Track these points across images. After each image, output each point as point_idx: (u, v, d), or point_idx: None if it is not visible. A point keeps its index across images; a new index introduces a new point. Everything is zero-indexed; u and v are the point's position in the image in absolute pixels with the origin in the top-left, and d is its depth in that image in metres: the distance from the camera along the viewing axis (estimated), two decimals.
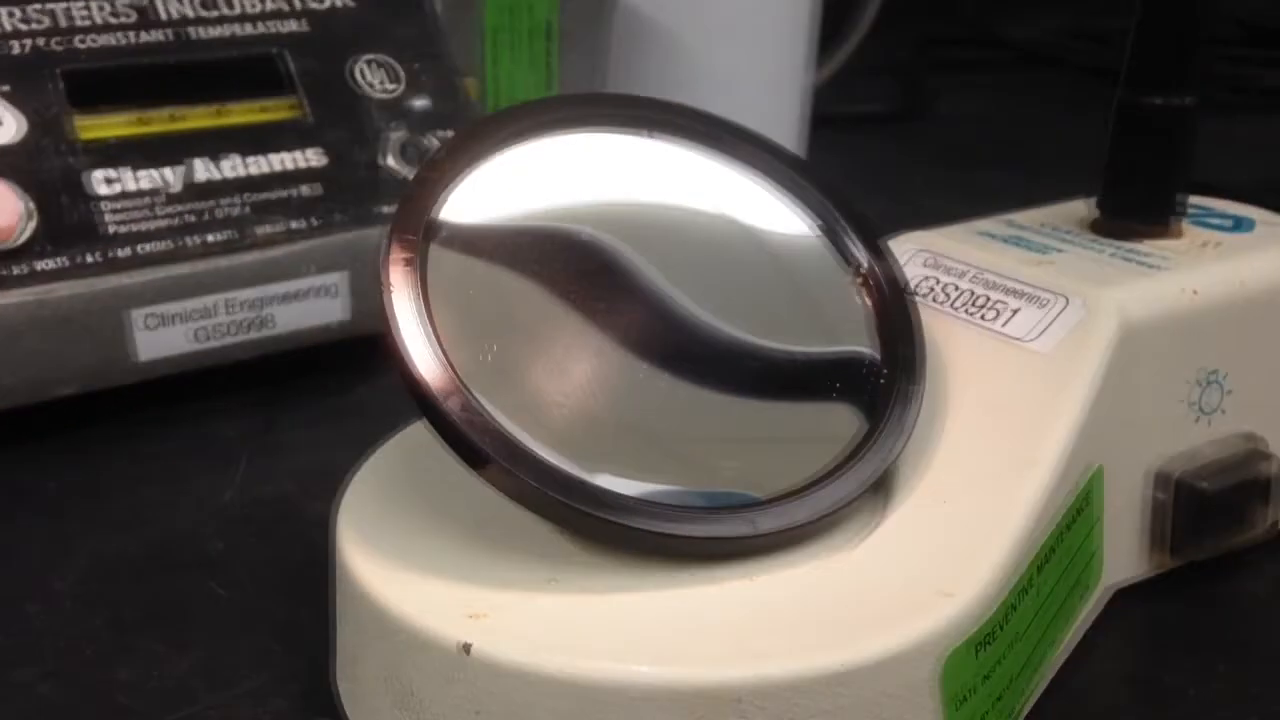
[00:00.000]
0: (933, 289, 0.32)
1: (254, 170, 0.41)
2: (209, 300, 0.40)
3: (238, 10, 0.43)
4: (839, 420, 0.28)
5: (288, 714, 0.28)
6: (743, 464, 0.27)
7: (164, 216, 0.39)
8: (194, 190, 0.40)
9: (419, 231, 0.27)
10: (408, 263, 0.26)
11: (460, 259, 0.27)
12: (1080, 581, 0.29)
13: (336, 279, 0.42)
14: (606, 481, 0.25)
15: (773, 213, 0.30)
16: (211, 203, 0.40)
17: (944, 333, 0.31)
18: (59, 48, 0.40)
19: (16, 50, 0.40)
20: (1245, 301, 0.31)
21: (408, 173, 0.43)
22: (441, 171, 0.28)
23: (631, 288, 0.28)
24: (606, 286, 0.28)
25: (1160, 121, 0.33)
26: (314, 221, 0.41)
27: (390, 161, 0.43)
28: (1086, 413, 0.28)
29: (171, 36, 0.42)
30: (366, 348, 0.43)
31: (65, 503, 0.37)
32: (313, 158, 0.42)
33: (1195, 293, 0.31)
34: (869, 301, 0.30)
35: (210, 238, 0.40)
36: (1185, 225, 0.34)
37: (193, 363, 0.41)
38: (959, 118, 0.83)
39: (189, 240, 0.39)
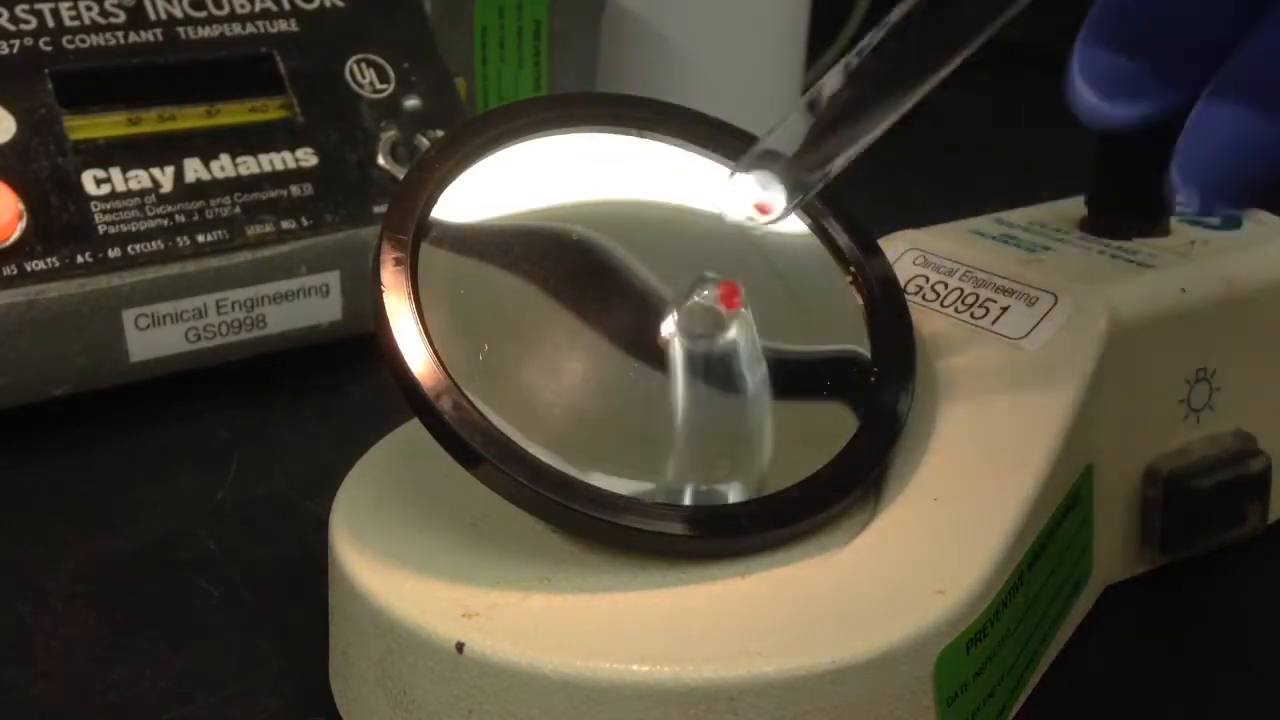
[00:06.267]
0: (922, 287, 0.32)
1: (245, 170, 0.41)
2: (201, 300, 0.40)
3: (228, 10, 0.43)
4: (831, 419, 0.28)
5: (281, 713, 0.28)
6: (735, 462, 0.27)
7: (155, 217, 0.39)
8: (185, 190, 0.40)
9: (410, 231, 0.27)
10: (399, 262, 0.26)
11: (452, 258, 0.27)
12: (1071, 579, 0.30)
13: (328, 279, 0.42)
14: (599, 480, 0.25)
15: None
16: (203, 203, 0.40)
17: (934, 331, 0.31)
18: (48, 48, 0.40)
19: (5, 50, 0.39)
20: (1234, 299, 0.32)
21: (399, 172, 0.43)
22: (433, 171, 0.28)
23: (623, 286, 0.28)
24: (598, 285, 0.28)
25: None
26: (305, 221, 0.41)
27: (381, 161, 0.43)
28: (1076, 410, 0.28)
29: (161, 37, 0.42)
30: (359, 347, 0.43)
31: (57, 503, 0.37)
32: (304, 158, 0.42)
33: (1184, 290, 0.31)
34: (860, 300, 0.30)
35: (202, 238, 0.40)
36: (1174, 223, 0.34)
37: (185, 363, 0.41)
38: (949, 116, 0.83)
39: (181, 240, 0.39)
